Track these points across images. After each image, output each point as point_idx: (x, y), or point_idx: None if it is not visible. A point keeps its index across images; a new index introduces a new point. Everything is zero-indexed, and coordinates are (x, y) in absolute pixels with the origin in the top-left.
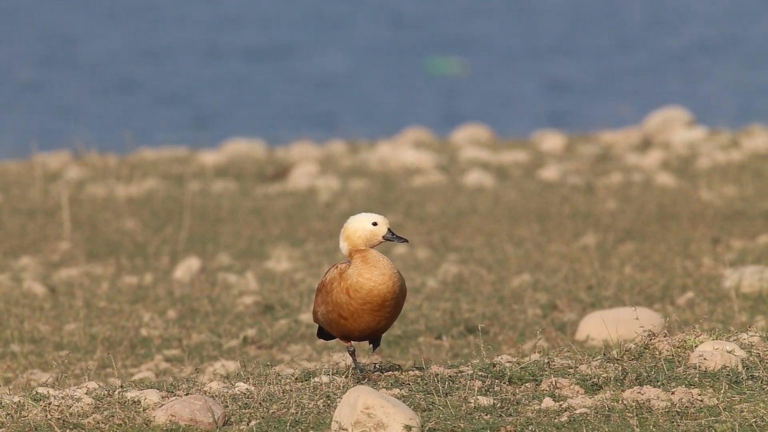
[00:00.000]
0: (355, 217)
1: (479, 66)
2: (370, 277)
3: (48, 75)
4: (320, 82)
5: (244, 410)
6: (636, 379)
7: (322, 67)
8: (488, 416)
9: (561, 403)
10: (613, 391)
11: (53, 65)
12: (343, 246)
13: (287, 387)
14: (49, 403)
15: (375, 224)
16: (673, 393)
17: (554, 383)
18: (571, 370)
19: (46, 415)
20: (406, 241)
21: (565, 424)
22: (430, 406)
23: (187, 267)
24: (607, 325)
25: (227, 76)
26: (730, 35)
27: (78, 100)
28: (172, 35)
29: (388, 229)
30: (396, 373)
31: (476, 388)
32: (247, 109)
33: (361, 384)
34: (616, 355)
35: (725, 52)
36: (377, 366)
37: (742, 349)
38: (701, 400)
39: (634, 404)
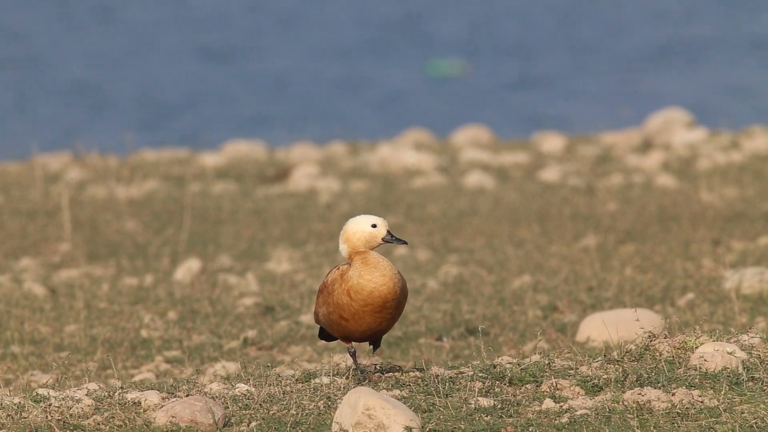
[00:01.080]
0: (354, 219)
1: (479, 66)
2: (371, 278)
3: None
4: (319, 83)
5: (244, 411)
6: (636, 381)
7: (322, 67)
8: (489, 417)
9: (561, 404)
10: (614, 392)
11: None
12: (343, 248)
13: (288, 388)
14: (50, 405)
15: (374, 226)
16: (673, 394)
17: (555, 384)
18: (572, 372)
19: (47, 417)
20: (405, 242)
21: (566, 426)
22: (431, 408)
23: (188, 268)
24: (608, 327)
25: (225, 76)
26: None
27: (46, 103)
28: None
29: (387, 231)
30: (396, 374)
31: (477, 390)
32: (246, 109)
33: (362, 385)
34: (616, 357)
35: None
36: (378, 367)
37: (742, 350)
38: (702, 402)
39: (634, 405)
